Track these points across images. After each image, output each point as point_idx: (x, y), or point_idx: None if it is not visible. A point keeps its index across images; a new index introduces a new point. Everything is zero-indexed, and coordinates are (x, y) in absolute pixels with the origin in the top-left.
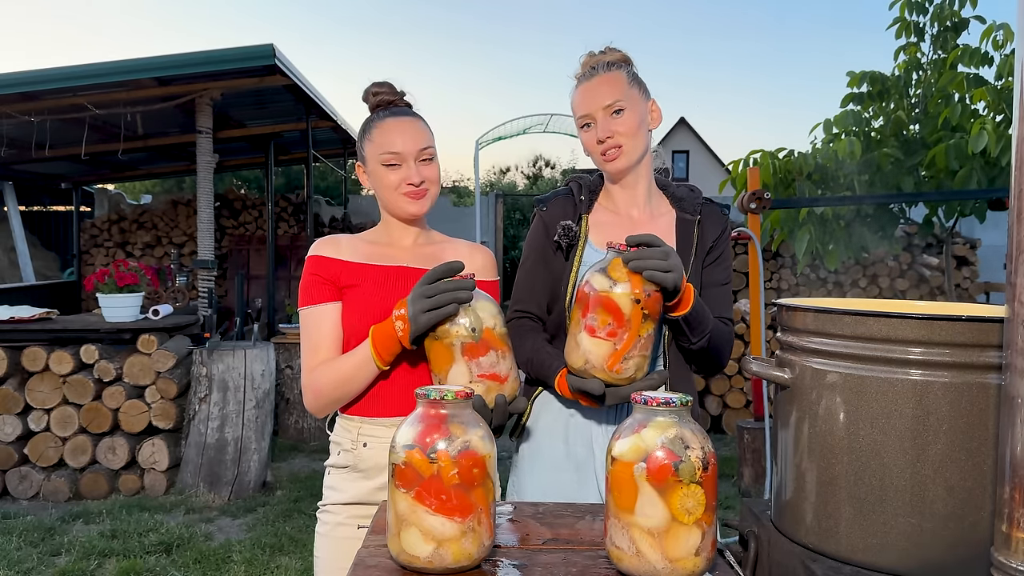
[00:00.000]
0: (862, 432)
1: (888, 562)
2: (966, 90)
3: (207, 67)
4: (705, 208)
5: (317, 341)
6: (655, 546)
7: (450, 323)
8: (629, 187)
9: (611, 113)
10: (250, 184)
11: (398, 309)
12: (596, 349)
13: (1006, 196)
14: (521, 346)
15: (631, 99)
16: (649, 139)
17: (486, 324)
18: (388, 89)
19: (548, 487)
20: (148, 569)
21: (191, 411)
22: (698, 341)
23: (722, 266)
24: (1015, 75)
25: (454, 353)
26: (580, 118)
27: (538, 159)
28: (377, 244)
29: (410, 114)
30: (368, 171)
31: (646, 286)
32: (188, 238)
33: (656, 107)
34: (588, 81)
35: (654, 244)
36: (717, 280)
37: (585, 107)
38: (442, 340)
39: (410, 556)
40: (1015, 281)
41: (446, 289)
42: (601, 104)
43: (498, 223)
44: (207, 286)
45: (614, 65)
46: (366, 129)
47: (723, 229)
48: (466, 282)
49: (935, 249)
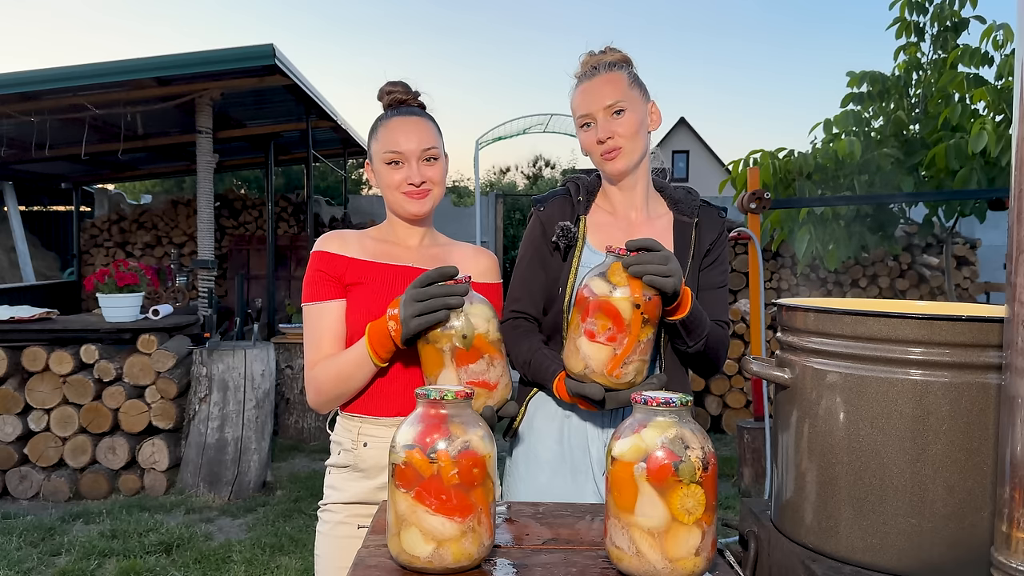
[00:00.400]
0: (862, 432)
1: (888, 562)
2: (966, 90)
3: (207, 67)
4: (702, 210)
5: (319, 337)
6: (655, 546)
7: (441, 328)
8: (627, 189)
9: (612, 113)
10: (250, 184)
11: (392, 308)
12: (596, 354)
13: (1006, 196)
14: (518, 347)
15: (631, 100)
16: (648, 141)
17: (478, 330)
18: (402, 88)
19: (543, 490)
20: (148, 569)
21: (191, 411)
22: (695, 344)
23: (719, 268)
24: (1015, 75)
25: (444, 358)
26: (580, 118)
27: (538, 159)
28: (384, 242)
29: (417, 114)
30: (374, 169)
31: (645, 291)
32: (188, 238)
33: (656, 109)
34: (589, 81)
35: (654, 248)
36: (714, 283)
37: (585, 107)
38: (433, 344)
39: (410, 556)
40: (1015, 281)
41: (437, 294)
42: (602, 104)
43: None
44: (207, 286)
45: (615, 65)
46: (374, 128)
47: (720, 232)
48: (459, 287)
49: (935, 249)
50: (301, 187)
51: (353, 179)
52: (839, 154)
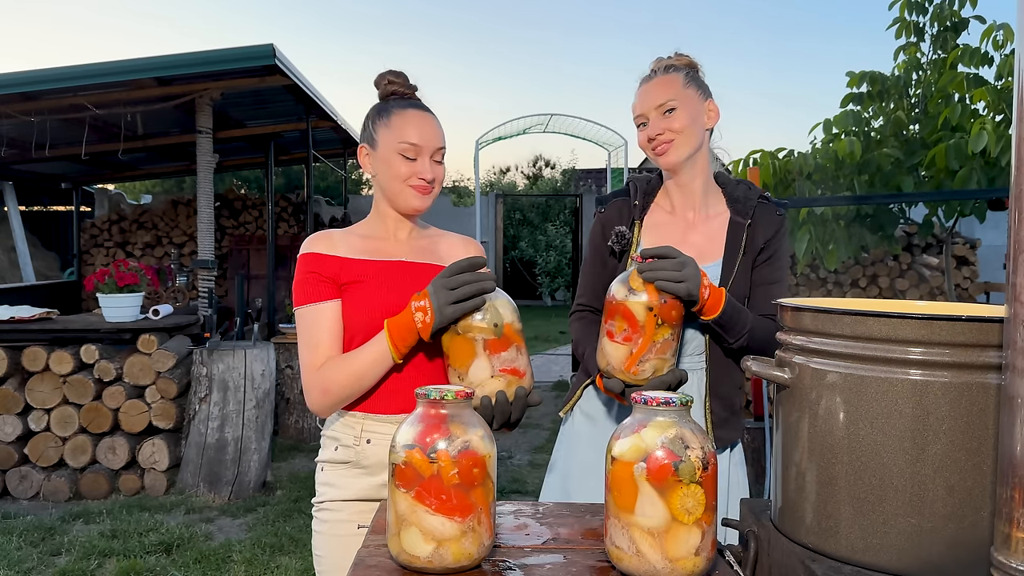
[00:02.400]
0: (862, 432)
1: (888, 562)
2: (966, 90)
3: (207, 67)
4: (759, 209)
5: (318, 339)
6: (655, 546)
7: (471, 317)
8: (685, 185)
9: (663, 112)
10: (250, 184)
11: (417, 300)
12: (615, 352)
13: (1006, 196)
14: (579, 338)
15: (684, 98)
16: (704, 137)
17: (506, 319)
18: (402, 80)
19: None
20: (148, 569)
21: (191, 411)
22: (736, 341)
23: (775, 265)
24: (1015, 75)
25: (476, 348)
26: (636, 118)
27: (538, 159)
28: (372, 238)
29: (430, 111)
30: (377, 156)
31: (661, 295)
32: (188, 238)
33: (714, 106)
34: (646, 83)
35: (669, 256)
36: (767, 279)
37: (640, 107)
38: (464, 335)
39: (410, 556)
40: (1015, 281)
41: (469, 281)
42: (654, 104)
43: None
44: (207, 286)
45: (672, 68)
46: (383, 113)
47: (777, 230)
48: (488, 275)
49: (935, 249)
50: (301, 187)
51: (353, 179)
52: (839, 154)
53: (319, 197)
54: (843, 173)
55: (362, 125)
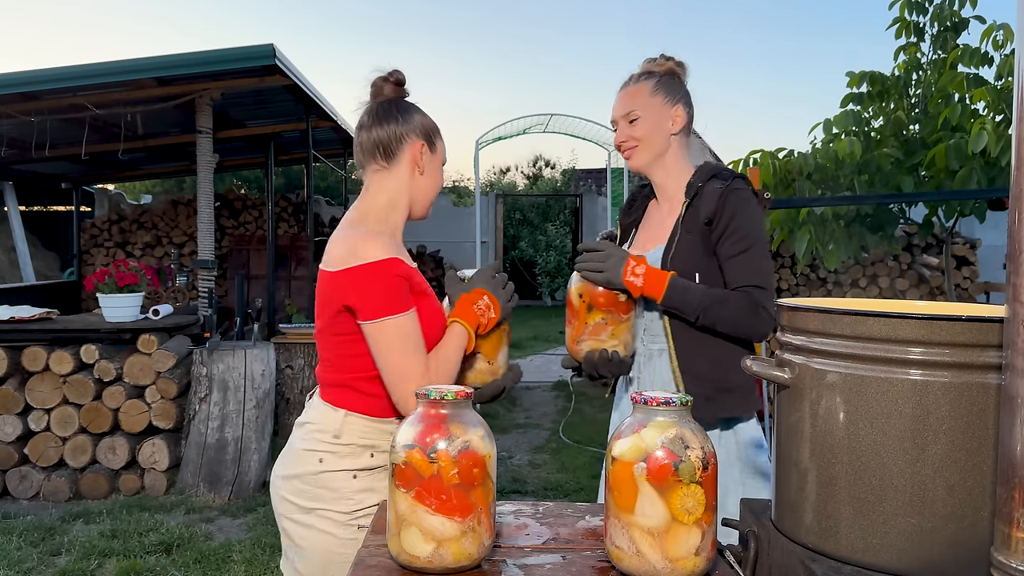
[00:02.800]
0: (862, 432)
1: (888, 562)
2: (966, 90)
3: (207, 67)
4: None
5: (415, 346)
6: (655, 546)
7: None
8: (660, 184)
9: (628, 121)
10: (250, 184)
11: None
12: (566, 334)
13: (1006, 196)
14: None
15: (648, 107)
16: (670, 141)
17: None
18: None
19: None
20: (148, 569)
21: (191, 411)
22: (695, 320)
23: (734, 238)
24: (1015, 75)
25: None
26: (611, 121)
27: (538, 159)
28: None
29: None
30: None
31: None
32: (188, 238)
33: (680, 112)
34: (619, 91)
35: (595, 249)
36: (729, 253)
37: (613, 114)
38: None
39: (410, 556)
40: (1015, 281)
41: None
42: (621, 113)
43: (498, 223)
44: (207, 286)
45: (645, 76)
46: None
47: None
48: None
49: (935, 249)
50: (301, 187)
51: (353, 179)
52: (839, 154)
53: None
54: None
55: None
